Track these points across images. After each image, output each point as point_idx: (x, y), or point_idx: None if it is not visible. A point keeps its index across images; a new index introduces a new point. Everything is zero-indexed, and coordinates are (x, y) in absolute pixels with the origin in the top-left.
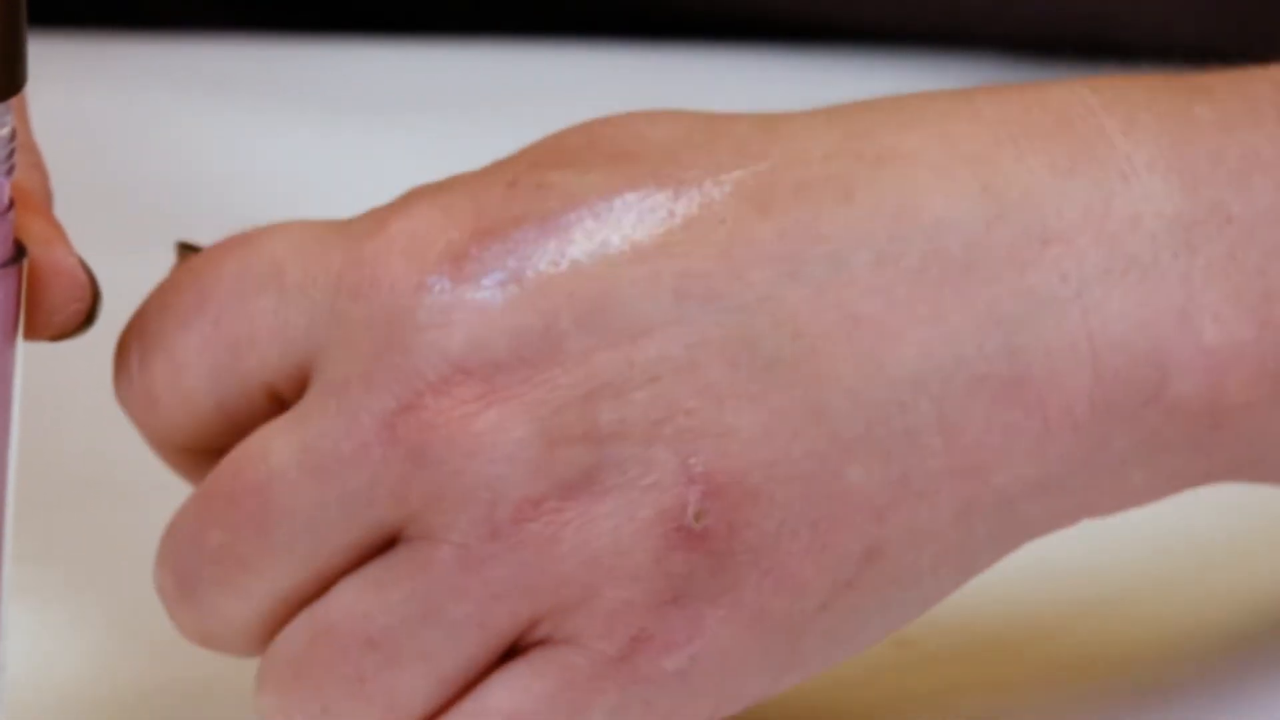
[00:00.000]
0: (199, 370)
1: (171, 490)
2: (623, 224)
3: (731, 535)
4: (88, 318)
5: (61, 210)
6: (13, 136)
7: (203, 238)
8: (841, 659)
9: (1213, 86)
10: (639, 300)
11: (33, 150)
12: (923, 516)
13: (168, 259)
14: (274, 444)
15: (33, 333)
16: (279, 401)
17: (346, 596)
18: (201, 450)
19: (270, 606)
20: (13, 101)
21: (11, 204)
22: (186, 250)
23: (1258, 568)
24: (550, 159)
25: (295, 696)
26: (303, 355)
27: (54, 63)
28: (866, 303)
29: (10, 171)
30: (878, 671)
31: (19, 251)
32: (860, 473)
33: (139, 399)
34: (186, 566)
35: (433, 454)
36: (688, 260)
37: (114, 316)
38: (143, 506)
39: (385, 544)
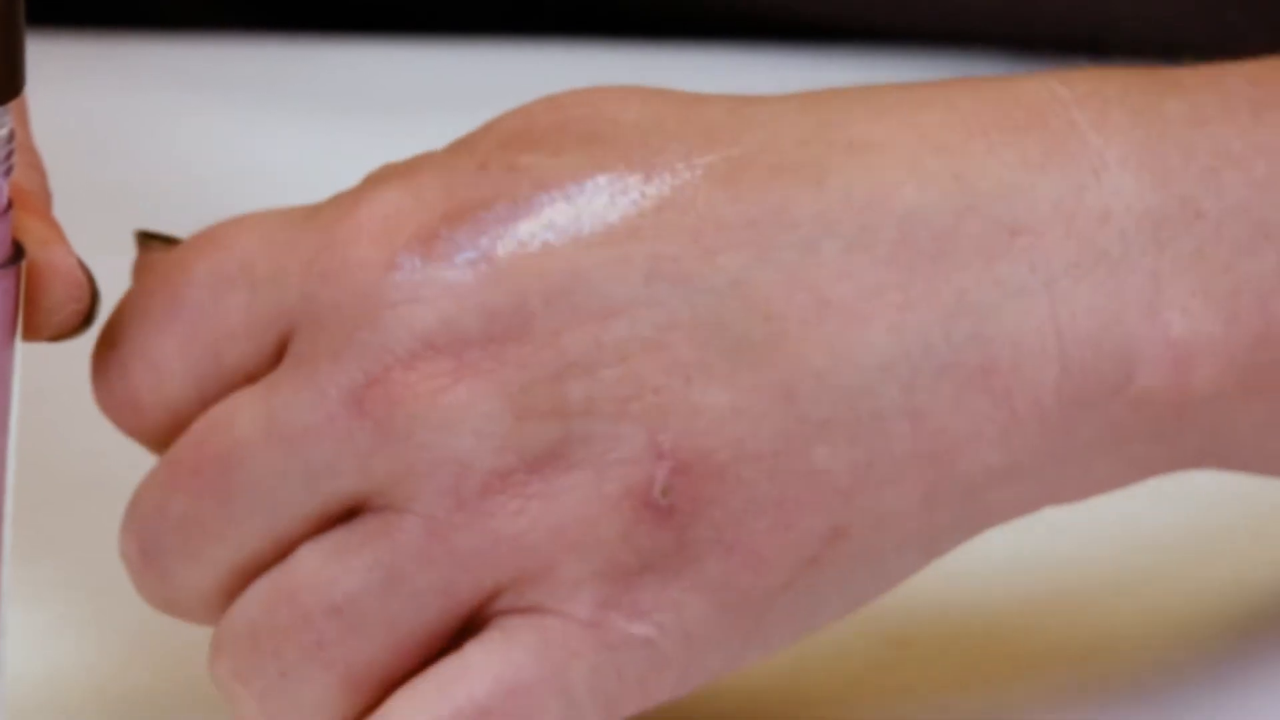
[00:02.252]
0: (179, 374)
1: None
2: (593, 206)
3: (697, 511)
4: (86, 318)
5: (61, 211)
6: (11, 137)
7: (164, 227)
8: (804, 635)
9: (1185, 81)
10: (608, 281)
11: (31, 151)
12: (888, 500)
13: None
14: (240, 413)
15: (31, 333)
16: None
17: (309, 563)
18: None
19: (231, 574)
20: (12, 103)
21: (10, 204)
22: (146, 239)
23: (1248, 560)
24: (521, 139)
25: (253, 660)
26: (276, 338)
27: (54, 62)
28: (837, 287)
29: (9, 172)
30: (875, 670)
31: (17, 252)
32: (827, 454)
33: (123, 407)
34: (150, 534)
35: (400, 427)
36: (658, 243)
37: None
38: None
39: (347, 514)
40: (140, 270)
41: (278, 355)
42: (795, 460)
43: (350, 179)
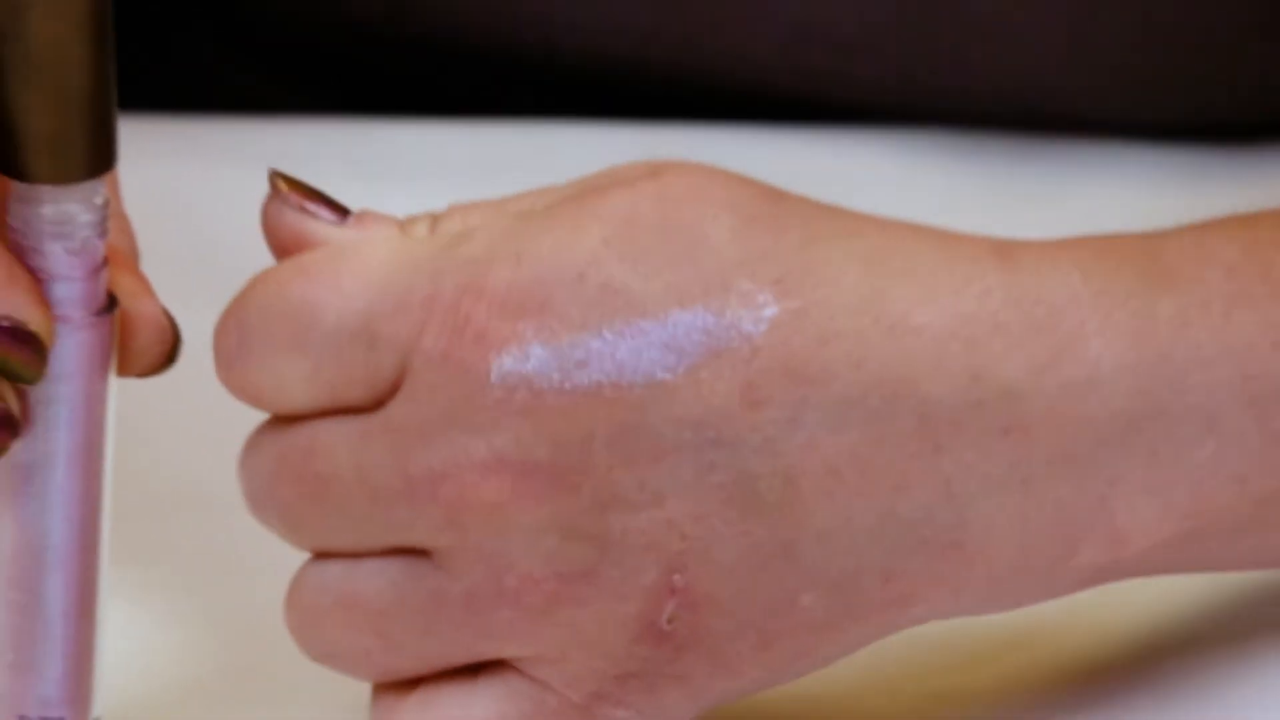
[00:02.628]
0: (299, 393)
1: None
2: (667, 346)
3: (694, 638)
4: (169, 358)
5: (148, 268)
6: (106, 205)
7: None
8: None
9: (1178, 271)
10: (665, 427)
11: (122, 217)
12: (851, 632)
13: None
14: (342, 448)
15: (123, 370)
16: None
17: (372, 584)
18: None
19: (314, 548)
20: (106, 175)
21: (105, 262)
22: (279, 179)
23: (1210, 580)
24: (622, 245)
25: (312, 633)
26: (387, 389)
27: (143, 141)
28: (850, 464)
29: (104, 234)
30: (860, 678)
31: (111, 302)
32: (811, 600)
33: (242, 391)
34: (257, 497)
35: (464, 521)
36: (713, 396)
37: (193, 357)
38: (222, 516)
39: (413, 549)
40: (272, 229)
41: (387, 396)
42: (784, 603)
43: None
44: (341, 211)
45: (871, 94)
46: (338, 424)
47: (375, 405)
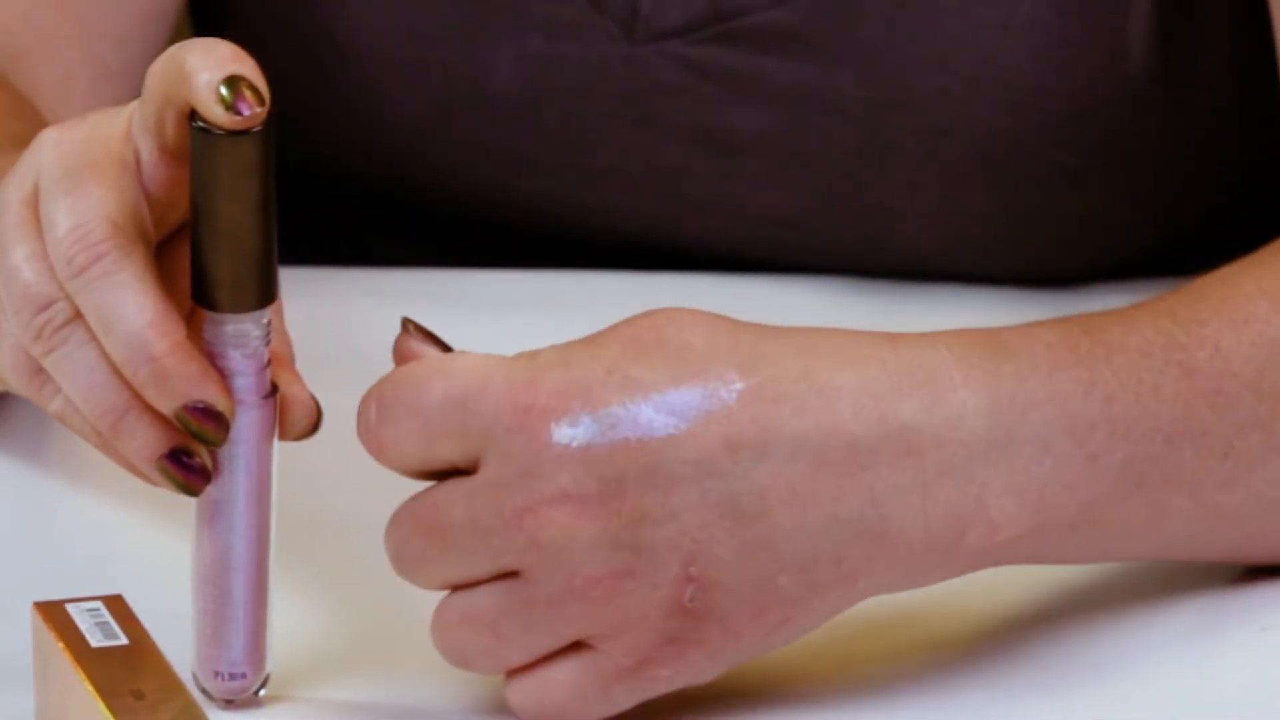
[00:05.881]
0: (410, 449)
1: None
2: (671, 412)
3: (708, 611)
4: (314, 428)
5: (300, 366)
6: (270, 323)
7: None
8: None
9: (1014, 348)
10: (674, 466)
11: (283, 331)
12: (816, 604)
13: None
14: (455, 503)
15: (282, 437)
16: (457, 470)
17: (484, 601)
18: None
19: (443, 584)
20: (270, 306)
21: (269, 362)
22: (409, 324)
23: (1064, 572)
24: (633, 352)
25: (451, 643)
26: (475, 454)
27: (300, 283)
28: (801, 484)
29: (269, 344)
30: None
31: (274, 390)
32: (786, 580)
33: (373, 448)
34: (400, 550)
35: (542, 540)
36: (703, 445)
37: (330, 427)
38: (355, 535)
39: (510, 572)
40: (399, 350)
41: (473, 461)
42: (767, 583)
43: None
44: (447, 348)
45: (812, 256)
46: (450, 488)
47: (464, 464)
